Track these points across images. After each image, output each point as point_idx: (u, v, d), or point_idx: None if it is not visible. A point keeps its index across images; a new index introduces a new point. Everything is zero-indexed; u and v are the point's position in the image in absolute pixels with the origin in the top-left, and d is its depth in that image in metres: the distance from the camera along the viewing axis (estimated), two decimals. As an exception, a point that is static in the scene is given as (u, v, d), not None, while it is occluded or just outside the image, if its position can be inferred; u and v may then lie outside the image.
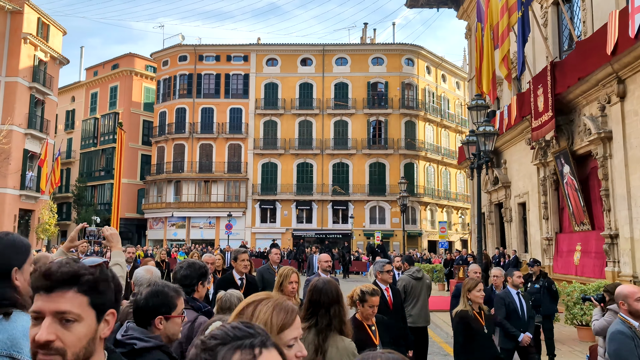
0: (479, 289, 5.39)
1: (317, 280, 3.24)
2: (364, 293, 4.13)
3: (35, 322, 1.36)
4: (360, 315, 4.19)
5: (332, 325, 2.99)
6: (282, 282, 4.71)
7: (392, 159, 43.63)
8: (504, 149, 22.97)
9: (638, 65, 12.57)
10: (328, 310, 3.02)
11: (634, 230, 12.95)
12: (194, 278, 3.96)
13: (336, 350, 2.92)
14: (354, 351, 2.96)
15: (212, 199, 43.60)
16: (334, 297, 3.09)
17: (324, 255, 7.18)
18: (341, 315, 3.05)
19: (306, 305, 3.15)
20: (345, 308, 3.15)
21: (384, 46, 46.01)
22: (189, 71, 45.16)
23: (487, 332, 5.33)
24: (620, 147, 13.45)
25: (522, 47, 17.43)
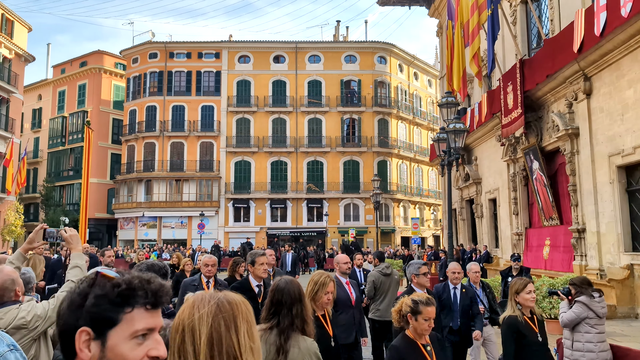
0: (529, 291, 4.65)
1: (279, 280, 3.22)
2: (417, 303, 3.51)
3: (140, 337, 1.27)
4: (412, 332, 3.54)
5: (295, 325, 2.96)
6: (317, 291, 3.94)
7: (365, 156, 43.78)
8: (475, 145, 23.25)
9: (603, 62, 12.84)
10: (290, 309, 3.00)
11: (600, 224, 13.23)
12: (154, 280, 3.84)
13: (298, 350, 2.89)
14: (316, 351, 2.95)
15: (184, 198, 43.08)
16: (296, 296, 3.06)
17: (342, 256, 6.39)
18: (303, 314, 3.03)
19: (268, 305, 3.11)
20: (307, 307, 3.12)
21: (356, 44, 46.09)
22: (160, 68, 44.49)
23: (541, 340, 4.61)
24: (586, 143, 13.72)
25: (492, 45, 17.65)
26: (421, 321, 3.47)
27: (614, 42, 12.08)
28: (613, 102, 12.65)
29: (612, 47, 12.27)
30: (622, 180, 12.57)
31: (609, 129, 12.82)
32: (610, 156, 12.72)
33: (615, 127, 12.53)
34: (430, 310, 3.48)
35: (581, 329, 5.39)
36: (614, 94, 12.60)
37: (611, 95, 12.74)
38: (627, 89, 12.06)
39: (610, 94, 12.78)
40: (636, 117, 11.70)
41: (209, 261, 6.26)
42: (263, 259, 5.32)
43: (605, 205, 13.00)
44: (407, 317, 3.48)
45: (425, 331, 3.48)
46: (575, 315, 5.41)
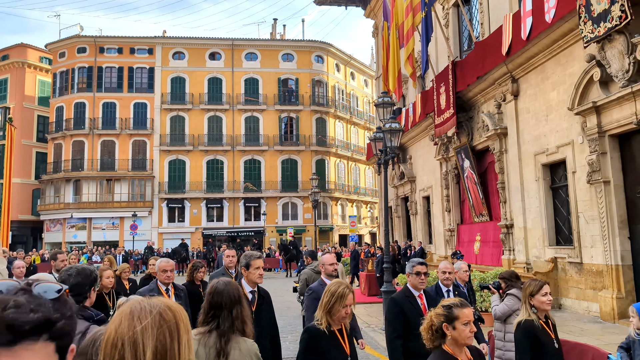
0: (545, 293, 4.24)
1: (216, 282, 3.16)
2: (451, 307, 2.98)
3: None
4: (451, 345, 2.95)
5: (234, 327, 2.93)
6: (333, 303, 3.49)
7: (303, 155, 43.85)
8: (410, 145, 23.78)
9: (530, 65, 13.44)
10: (230, 312, 2.96)
11: (527, 220, 13.86)
12: (85, 285, 3.65)
13: (239, 352, 2.87)
14: (256, 352, 2.93)
15: (115, 199, 41.50)
16: (236, 298, 3.02)
17: (328, 256, 5.86)
18: (243, 316, 3.00)
19: (206, 308, 3.05)
20: (246, 308, 3.08)
21: (294, 43, 46.05)
22: (89, 64, 42.63)
23: (558, 347, 4.24)
24: (514, 142, 14.33)
25: (425, 47, 18.10)
26: (460, 327, 2.93)
27: (539, 46, 12.67)
28: (538, 104, 13.27)
29: (538, 51, 12.86)
30: (546, 178, 13.21)
31: (534, 129, 13.44)
32: (536, 155, 13.33)
33: (541, 127, 13.15)
34: (468, 312, 2.98)
35: (512, 320, 5.58)
36: (539, 96, 13.22)
37: (537, 96, 13.35)
38: (551, 91, 12.68)
39: (535, 96, 13.40)
40: (559, 117, 12.32)
41: (166, 266, 5.61)
42: (259, 262, 4.74)
43: (532, 202, 13.63)
44: (442, 328, 2.94)
45: (468, 338, 2.96)
46: (508, 308, 5.60)
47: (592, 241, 11.10)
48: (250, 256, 4.75)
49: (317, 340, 3.52)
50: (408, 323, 4.56)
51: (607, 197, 10.50)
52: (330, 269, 5.64)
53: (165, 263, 5.66)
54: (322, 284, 5.45)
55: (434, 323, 2.98)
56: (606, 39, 9.85)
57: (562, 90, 12.16)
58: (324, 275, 5.63)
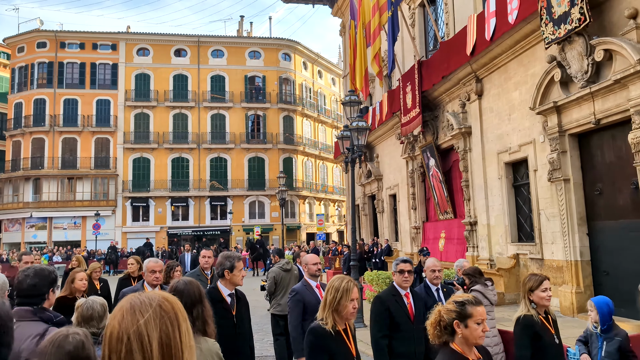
0: (545, 288, 4.13)
1: (176, 281, 3.11)
2: (464, 304, 2.80)
3: None
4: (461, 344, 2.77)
5: (195, 327, 2.89)
6: (339, 299, 3.34)
7: (271, 153, 43.66)
8: (377, 143, 23.95)
9: (493, 65, 13.69)
10: (191, 311, 2.91)
11: (490, 217, 14.12)
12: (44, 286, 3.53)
13: (200, 352, 2.84)
14: (217, 351, 2.90)
15: (77, 198, 40.45)
16: (196, 297, 3.00)
17: (311, 256, 5.65)
18: (204, 315, 2.97)
19: None
20: (207, 308, 3.04)
21: (261, 40, 45.78)
22: (49, 59, 41.42)
23: (559, 343, 4.15)
24: (478, 141, 14.58)
25: (392, 46, 18.24)
26: (473, 326, 2.75)
27: (503, 46, 12.92)
28: (501, 103, 13.53)
29: (501, 52, 13.12)
30: (509, 176, 13.49)
31: (498, 128, 13.70)
32: (499, 153, 13.60)
33: (504, 126, 13.42)
34: (481, 310, 2.81)
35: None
36: (502, 95, 13.49)
37: (500, 96, 13.61)
38: (514, 91, 12.95)
39: (499, 95, 13.66)
40: (521, 117, 12.60)
41: (155, 267, 5.29)
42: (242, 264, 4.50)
43: (495, 200, 13.89)
44: (452, 325, 2.77)
45: (480, 338, 2.78)
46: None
47: (553, 238, 11.39)
48: (233, 257, 4.47)
49: (324, 342, 3.32)
50: (394, 322, 4.49)
51: (567, 195, 10.78)
52: (314, 269, 5.47)
53: (154, 263, 5.35)
54: (305, 284, 5.35)
55: (443, 319, 2.80)
56: (566, 41, 10.11)
57: (525, 90, 12.43)
58: (307, 276, 5.46)
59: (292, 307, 5.21)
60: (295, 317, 5.17)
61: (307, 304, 5.12)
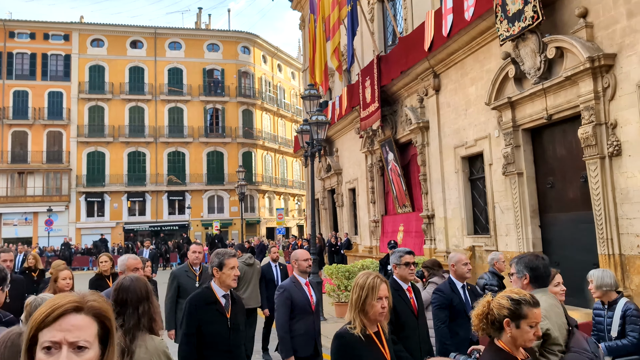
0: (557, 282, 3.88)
1: (123, 278, 3.05)
2: (520, 303, 2.56)
3: None
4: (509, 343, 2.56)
5: (141, 324, 2.86)
6: (365, 297, 3.00)
7: (230, 147, 43.21)
8: (336, 137, 24.02)
9: (450, 61, 13.91)
10: (136, 308, 2.88)
11: (447, 210, 14.39)
12: (-6, 285, 3.40)
13: (145, 350, 2.79)
14: (164, 349, 2.87)
15: (28, 193, 39.02)
16: (142, 294, 2.94)
17: (301, 251, 5.30)
18: (150, 312, 2.93)
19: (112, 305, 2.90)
20: (155, 304, 3.00)
21: (219, 32, 45.15)
22: (-3, 48, 39.76)
23: None
24: (435, 135, 14.80)
25: (351, 40, 18.30)
26: (525, 328, 2.51)
27: (459, 42, 13.14)
28: (458, 98, 13.77)
29: (458, 48, 13.33)
30: (465, 170, 13.76)
31: (454, 123, 13.94)
32: (456, 148, 13.85)
33: (460, 121, 13.67)
34: (537, 313, 2.57)
35: (433, 307, 5.77)
36: (459, 91, 13.73)
37: (457, 91, 13.85)
38: (470, 86, 13.20)
39: (456, 91, 13.90)
40: (477, 112, 12.86)
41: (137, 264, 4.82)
42: (234, 262, 4.05)
43: (451, 193, 14.16)
44: (501, 322, 2.54)
45: (530, 342, 2.57)
46: (429, 295, 5.77)
47: (507, 230, 11.70)
48: (224, 254, 4.10)
49: (353, 349, 2.95)
50: (398, 320, 4.13)
51: (520, 188, 11.09)
52: (305, 265, 5.14)
53: (134, 260, 4.84)
54: (294, 281, 5.08)
55: (492, 313, 2.58)
56: (520, 38, 10.36)
57: (480, 85, 12.68)
58: (297, 272, 5.13)
59: (279, 305, 4.89)
60: (282, 315, 4.84)
61: (295, 302, 4.86)
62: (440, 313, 4.63)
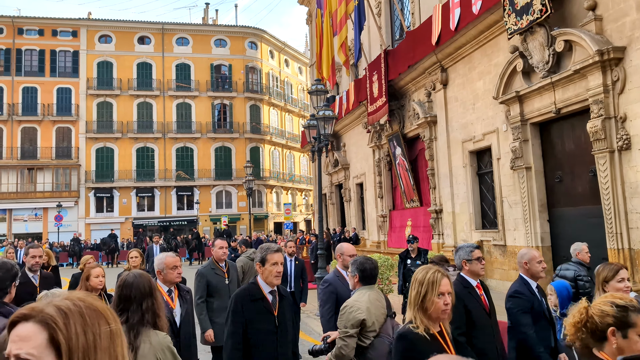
0: (621, 278, 3.64)
1: (126, 274, 3.08)
2: (627, 310, 2.23)
3: None
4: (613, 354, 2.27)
5: (145, 320, 2.88)
6: (424, 294, 2.77)
7: (238, 142, 43.30)
8: (343, 132, 24.00)
9: (458, 55, 13.84)
10: (140, 304, 2.91)
11: (455, 205, 14.36)
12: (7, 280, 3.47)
13: (149, 346, 2.81)
14: (169, 345, 2.88)
15: (38, 189, 39.33)
16: (146, 290, 2.97)
17: (347, 245, 4.97)
18: (154, 308, 2.95)
19: (115, 301, 2.99)
20: (159, 300, 3.02)
21: (227, 28, 45.15)
22: (6, 45, 39.93)
23: None
24: (443, 130, 14.76)
25: (358, 35, 18.25)
26: (634, 338, 2.21)
27: (467, 36, 13.08)
28: (466, 92, 13.72)
29: (465, 42, 13.27)
30: (473, 164, 13.72)
31: (462, 117, 13.90)
32: (464, 142, 13.81)
33: (468, 115, 13.62)
34: None
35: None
36: (467, 85, 13.67)
37: (464, 86, 13.80)
38: (478, 81, 13.14)
39: (463, 85, 13.84)
40: (485, 106, 12.80)
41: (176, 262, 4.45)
42: (278, 257, 3.81)
43: (460, 188, 14.13)
44: (604, 332, 2.23)
45: None
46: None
47: (515, 224, 11.67)
48: (267, 249, 3.85)
49: (417, 348, 2.70)
50: (470, 318, 3.90)
51: (528, 183, 11.04)
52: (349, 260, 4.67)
53: (173, 258, 4.45)
54: (338, 275, 4.73)
55: (592, 321, 2.25)
56: (528, 31, 10.30)
57: (488, 79, 12.62)
58: (341, 267, 4.78)
59: (324, 300, 4.58)
60: (328, 310, 4.52)
61: (340, 297, 4.52)
62: (523, 318, 4.11)
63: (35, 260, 5.93)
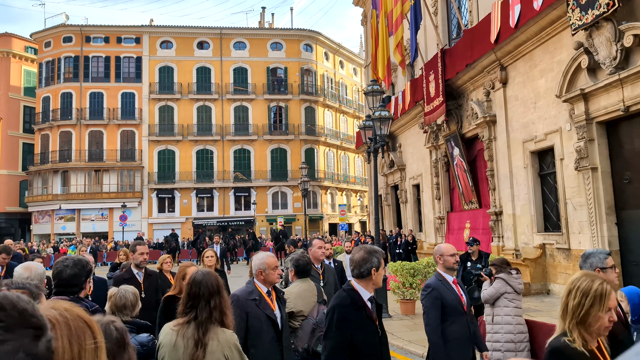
0: None
1: (195, 272, 3.15)
2: None
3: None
4: None
5: (213, 318, 2.94)
6: (588, 308, 2.46)
7: (293, 144, 43.78)
8: (399, 133, 23.82)
9: (518, 53, 13.48)
10: (208, 302, 2.96)
11: (516, 207, 13.98)
12: (82, 276, 3.67)
13: (217, 343, 2.87)
14: (235, 342, 2.94)
15: (104, 189, 41.22)
16: (214, 288, 3.02)
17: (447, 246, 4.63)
18: (222, 306, 3.00)
19: (185, 298, 3.05)
20: (225, 299, 3.07)
21: (282, 31, 45.77)
22: (75, 53, 42.10)
23: None
24: (503, 130, 14.40)
25: (414, 35, 18.08)
26: None
27: (527, 33, 12.71)
28: (527, 91, 13.33)
29: (526, 39, 12.91)
30: (535, 165, 13.31)
31: (523, 117, 13.52)
32: (525, 142, 13.42)
33: (529, 114, 13.23)
34: None
35: (500, 303, 5.69)
36: (528, 83, 13.28)
37: (525, 84, 13.41)
38: (539, 79, 12.75)
39: (524, 83, 13.46)
40: (547, 105, 12.40)
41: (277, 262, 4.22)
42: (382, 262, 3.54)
43: (520, 189, 13.74)
44: None
45: None
46: (495, 290, 5.70)
47: (580, 227, 11.23)
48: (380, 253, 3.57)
49: None
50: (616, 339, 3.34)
51: (594, 184, 10.61)
52: (452, 261, 4.47)
53: (273, 258, 4.18)
54: (440, 278, 4.43)
55: None
56: (594, 27, 9.91)
57: (550, 77, 12.22)
58: (443, 269, 4.47)
59: (428, 307, 4.25)
60: (434, 317, 4.22)
61: (446, 303, 4.26)
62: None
63: (144, 257, 5.94)
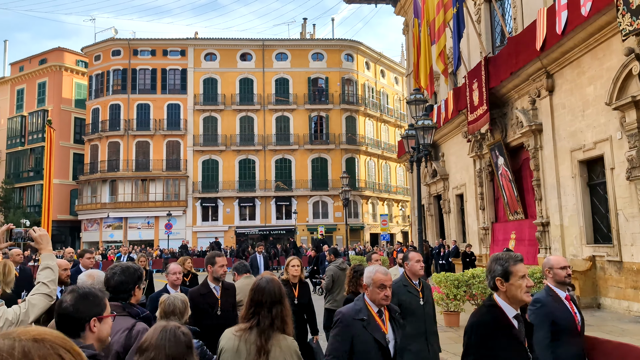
0: None
1: (259, 279, 3.19)
2: None
3: None
4: None
5: (275, 325, 2.95)
6: None
7: (333, 153, 43.90)
8: (442, 142, 23.57)
9: (565, 60, 13.18)
10: (270, 310, 2.98)
11: (563, 217, 13.60)
12: (130, 283, 3.79)
13: (279, 350, 2.89)
14: (296, 349, 2.96)
15: (150, 198, 42.34)
16: (277, 297, 3.04)
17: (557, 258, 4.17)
18: (283, 314, 3.02)
19: (248, 304, 3.08)
20: (287, 307, 3.09)
21: (323, 42, 46.13)
22: (123, 66, 43.60)
23: None
24: (549, 138, 14.08)
25: (457, 43, 17.92)
26: None
27: (575, 40, 12.42)
28: (574, 99, 13.01)
29: (573, 45, 12.61)
30: (583, 175, 12.94)
31: (570, 125, 13.18)
32: (572, 151, 13.08)
33: (577, 123, 12.89)
34: None
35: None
36: (575, 91, 12.96)
37: (572, 92, 13.09)
38: (588, 86, 12.42)
39: (571, 91, 13.14)
40: (596, 113, 12.06)
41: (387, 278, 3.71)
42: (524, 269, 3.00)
43: (568, 199, 13.37)
44: None
45: None
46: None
47: (633, 239, 10.84)
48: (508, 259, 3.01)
49: None
50: None
51: (647, 194, 10.24)
52: (563, 274, 4.03)
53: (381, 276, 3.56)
54: (550, 294, 4.02)
55: None
56: (646, 32, 9.61)
57: (599, 84, 11.90)
58: (554, 283, 4.06)
59: (538, 324, 3.69)
60: (544, 336, 3.76)
61: (557, 321, 3.84)
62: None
63: (224, 269, 5.30)
